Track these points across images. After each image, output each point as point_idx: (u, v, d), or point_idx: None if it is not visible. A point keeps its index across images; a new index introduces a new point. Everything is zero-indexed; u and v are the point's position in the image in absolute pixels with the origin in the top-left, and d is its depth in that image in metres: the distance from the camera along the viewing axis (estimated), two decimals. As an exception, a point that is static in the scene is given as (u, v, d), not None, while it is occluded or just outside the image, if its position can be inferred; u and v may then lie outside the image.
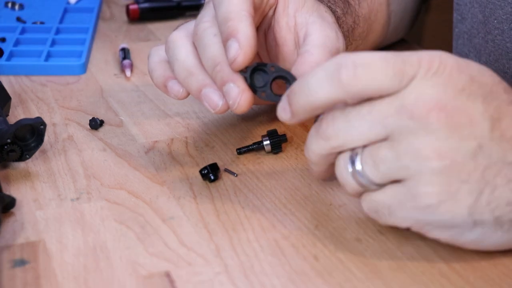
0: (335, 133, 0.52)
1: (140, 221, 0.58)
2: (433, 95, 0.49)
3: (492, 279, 0.52)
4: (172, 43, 0.64)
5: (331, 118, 0.52)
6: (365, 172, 0.51)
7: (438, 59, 0.50)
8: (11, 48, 0.90)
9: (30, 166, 0.66)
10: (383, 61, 0.50)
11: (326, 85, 0.51)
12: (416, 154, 0.49)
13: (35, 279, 0.52)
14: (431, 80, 0.50)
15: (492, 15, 0.74)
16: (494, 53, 0.75)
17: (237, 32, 0.58)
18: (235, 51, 0.58)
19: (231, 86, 0.59)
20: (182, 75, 0.63)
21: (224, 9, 0.60)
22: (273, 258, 0.54)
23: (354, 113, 0.51)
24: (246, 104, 0.60)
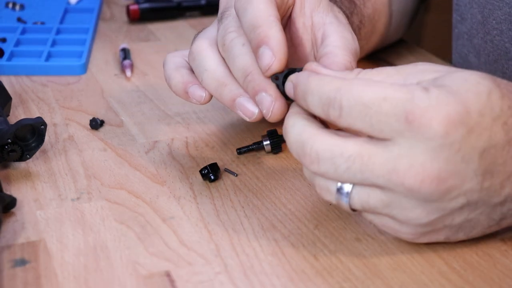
0: (321, 173, 0.51)
1: (141, 221, 0.58)
2: (425, 164, 0.48)
3: (492, 279, 0.52)
4: (198, 54, 0.63)
5: (316, 159, 0.51)
6: (351, 205, 0.52)
7: (430, 115, 0.47)
8: (12, 48, 0.90)
9: (30, 166, 0.66)
10: (364, 108, 0.49)
11: (319, 113, 0.51)
12: (405, 210, 0.50)
13: (35, 279, 0.52)
14: (423, 144, 0.48)
15: (490, 16, 0.74)
16: (493, 54, 0.75)
17: (269, 39, 0.57)
18: (269, 59, 0.57)
19: (263, 95, 0.59)
20: (213, 85, 0.62)
21: (251, 16, 0.59)
22: (273, 257, 0.54)
23: (344, 167, 0.50)
24: (280, 112, 0.59)
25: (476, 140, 0.48)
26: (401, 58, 0.90)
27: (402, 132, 0.48)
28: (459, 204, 0.50)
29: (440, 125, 0.47)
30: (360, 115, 0.49)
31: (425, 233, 0.52)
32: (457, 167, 0.48)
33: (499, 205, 0.51)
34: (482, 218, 0.52)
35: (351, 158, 0.49)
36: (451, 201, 0.50)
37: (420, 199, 0.49)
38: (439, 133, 0.47)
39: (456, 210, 0.50)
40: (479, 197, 0.50)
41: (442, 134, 0.48)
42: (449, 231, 0.52)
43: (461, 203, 0.50)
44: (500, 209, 0.52)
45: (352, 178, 0.50)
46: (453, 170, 0.48)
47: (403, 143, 0.48)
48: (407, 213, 0.50)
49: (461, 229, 0.52)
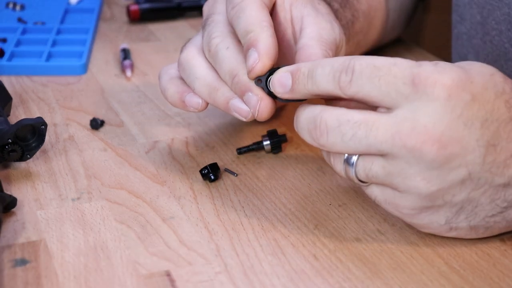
0: (329, 145, 0.53)
1: (141, 221, 0.58)
2: (428, 126, 0.49)
3: (492, 279, 0.52)
4: (186, 63, 0.64)
5: (325, 130, 0.52)
6: (356, 174, 0.53)
7: (434, 78, 0.49)
8: (12, 48, 0.90)
9: (31, 166, 0.66)
10: (374, 70, 0.51)
11: (329, 82, 0.53)
12: (406, 178, 0.51)
13: (36, 279, 0.52)
14: (427, 106, 0.49)
15: (490, 16, 0.74)
16: (492, 54, 0.76)
17: (257, 42, 0.59)
18: (253, 60, 0.58)
19: (249, 95, 0.59)
20: (205, 92, 0.63)
21: (244, 22, 0.60)
22: (273, 257, 0.54)
23: (350, 134, 0.51)
24: (267, 110, 0.59)
25: (478, 109, 0.50)
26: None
27: (408, 95, 0.50)
28: (460, 176, 0.50)
29: (443, 88, 0.49)
30: (370, 77, 0.51)
31: (424, 209, 0.52)
32: (459, 133, 0.49)
33: (502, 187, 0.51)
34: (485, 200, 0.51)
35: (357, 125, 0.51)
36: (452, 171, 0.50)
37: (422, 165, 0.50)
38: (442, 95, 0.49)
39: (457, 183, 0.50)
40: (481, 173, 0.50)
41: (445, 96, 0.49)
42: (449, 211, 0.52)
43: (463, 175, 0.50)
44: (504, 193, 0.51)
45: (357, 146, 0.51)
46: (455, 136, 0.49)
47: (407, 107, 0.50)
48: (408, 181, 0.51)
49: (462, 211, 0.52)
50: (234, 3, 0.62)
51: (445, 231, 0.54)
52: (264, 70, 0.59)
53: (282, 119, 0.74)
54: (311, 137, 0.53)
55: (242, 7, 0.61)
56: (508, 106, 0.51)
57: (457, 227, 0.53)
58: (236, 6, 0.61)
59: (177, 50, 0.94)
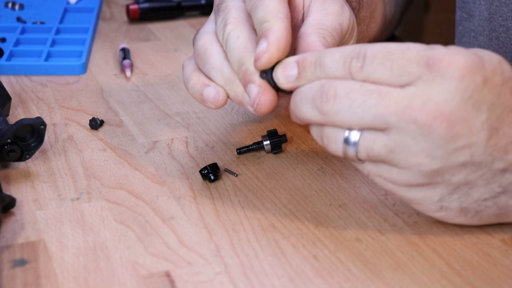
0: (333, 113, 0.52)
1: (140, 221, 0.58)
2: (440, 103, 0.50)
3: (492, 279, 0.52)
4: (203, 52, 0.62)
5: (333, 95, 0.52)
6: (357, 153, 0.53)
7: (448, 59, 0.50)
8: (11, 48, 0.90)
9: (30, 166, 0.66)
10: (388, 54, 0.51)
11: (338, 68, 0.53)
12: (409, 155, 0.51)
13: (35, 279, 0.52)
14: (440, 85, 0.50)
15: (497, 13, 0.74)
16: (498, 51, 0.76)
17: (269, 32, 0.58)
18: (260, 49, 0.57)
19: (251, 86, 0.58)
20: (222, 82, 0.61)
21: (261, 12, 0.59)
22: (273, 258, 0.54)
23: (360, 101, 0.51)
24: (266, 104, 0.58)
25: (487, 92, 0.51)
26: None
27: (421, 75, 0.50)
28: (463, 158, 0.51)
29: (457, 68, 0.50)
30: (382, 61, 0.51)
31: (421, 185, 0.53)
32: (467, 114, 0.50)
33: (500, 172, 0.52)
34: (481, 183, 0.52)
35: (368, 92, 0.51)
36: (456, 151, 0.51)
37: (428, 142, 0.50)
38: (456, 75, 0.50)
39: (459, 164, 0.51)
40: (483, 155, 0.51)
41: (458, 77, 0.50)
42: (445, 189, 0.53)
43: (465, 156, 0.51)
44: (501, 178, 0.52)
45: (365, 114, 0.51)
46: (463, 116, 0.50)
47: (420, 85, 0.50)
48: (411, 158, 0.51)
49: (457, 191, 0.53)
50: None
51: (435, 210, 0.54)
52: (271, 61, 0.57)
53: (282, 119, 0.74)
54: (313, 106, 0.53)
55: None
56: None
57: (448, 207, 0.54)
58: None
59: (177, 50, 0.94)
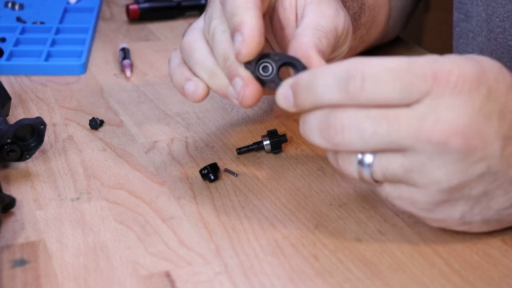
0: (345, 144, 0.51)
1: (140, 221, 0.58)
2: (452, 119, 0.49)
3: (492, 279, 0.52)
4: (188, 47, 0.63)
5: (341, 128, 0.50)
6: (372, 174, 0.52)
7: (456, 72, 0.49)
8: (11, 48, 0.90)
9: (30, 166, 0.66)
10: (392, 72, 0.49)
11: (333, 92, 0.50)
12: (427, 173, 0.50)
13: (35, 279, 0.52)
14: (449, 100, 0.49)
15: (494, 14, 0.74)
16: (496, 52, 0.75)
17: (242, 25, 0.58)
18: (238, 44, 0.57)
19: (236, 79, 0.58)
20: (205, 76, 0.62)
21: (231, 5, 0.59)
22: (273, 258, 0.54)
23: (371, 131, 0.49)
24: (250, 97, 0.58)
25: (494, 102, 0.50)
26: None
27: (429, 91, 0.49)
28: (480, 170, 0.50)
29: (465, 81, 0.49)
30: (387, 80, 0.49)
31: (441, 202, 0.51)
32: (480, 126, 0.49)
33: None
34: (499, 193, 0.51)
35: (377, 121, 0.49)
36: (473, 165, 0.50)
37: (444, 159, 0.49)
38: (464, 89, 0.49)
39: (477, 176, 0.50)
40: (499, 165, 0.50)
41: (466, 91, 0.49)
42: (465, 205, 0.52)
43: (482, 169, 0.50)
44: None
45: (378, 143, 0.50)
46: (477, 129, 0.49)
47: (429, 102, 0.49)
48: (428, 176, 0.50)
49: (477, 206, 0.52)
50: None
51: (458, 225, 0.54)
52: (250, 53, 0.57)
53: (282, 119, 0.74)
54: (322, 137, 0.51)
55: None
56: None
57: (471, 221, 0.53)
58: None
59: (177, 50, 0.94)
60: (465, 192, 0.51)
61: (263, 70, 0.58)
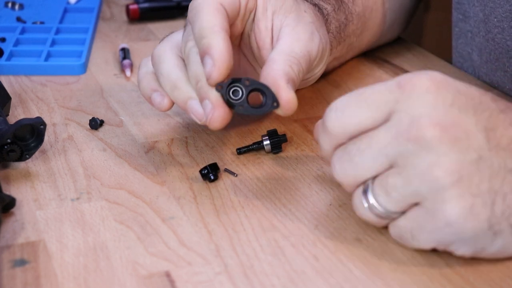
0: (343, 175, 0.53)
1: (140, 221, 0.58)
2: (425, 113, 0.50)
3: (492, 279, 0.52)
4: (157, 57, 0.65)
5: (336, 161, 0.54)
6: (380, 203, 0.52)
7: (420, 77, 0.51)
8: (11, 48, 0.90)
9: (30, 166, 0.66)
10: (358, 96, 0.52)
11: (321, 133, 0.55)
12: (423, 175, 0.50)
13: (35, 279, 0.52)
14: (419, 101, 0.50)
15: (492, 14, 0.74)
16: (494, 52, 0.76)
17: (210, 48, 0.60)
18: (209, 67, 0.60)
19: (206, 102, 0.61)
20: (167, 88, 0.64)
21: (198, 27, 0.61)
22: (273, 258, 0.54)
23: (355, 150, 0.52)
24: (219, 120, 0.61)
25: (466, 99, 0.51)
26: (400, 58, 0.90)
27: (397, 98, 0.51)
28: (473, 158, 0.49)
29: (431, 82, 0.51)
30: (356, 104, 0.52)
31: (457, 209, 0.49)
32: (456, 118, 0.50)
33: None
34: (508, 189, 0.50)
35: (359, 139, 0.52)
36: (463, 153, 0.49)
37: (432, 153, 0.49)
38: (432, 88, 0.51)
39: (473, 166, 0.49)
40: (492, 156, 0.50)
41: (434, 89, 0.51)
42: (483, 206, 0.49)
43: (474, 157, 0.50)
44: None
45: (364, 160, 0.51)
46: (453, 120, 0.50)
47: (400, 108, 0.51)
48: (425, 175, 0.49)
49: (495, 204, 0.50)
50: (193, 5, 0.63)
51: (491, 240, 0.51)
52: (220, 77, 0.60)
53: (282, 119, 0.74)
54: None
55: (198, 11, 0.62)
56: (494, 101, 0.52)
57: (501, 230, 0.50)
58: (193, 9, 0.63)
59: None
60: (473, 190, 0.49)
61: (233, 94, 0.61)
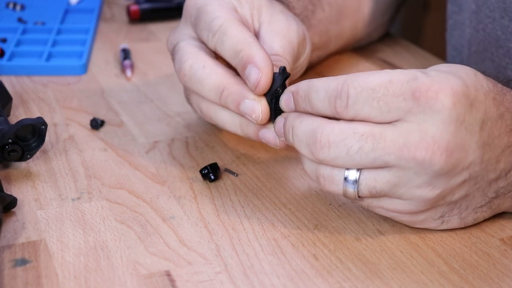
0: (331, 159, 0.52)
1: (141, 221, 0.58)
2: (435, 136, 0.50)
3: (491, 279, 0.52)
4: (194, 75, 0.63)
5: (327, 143, 0.52)
6: (358, 192, 0.53)
7: (435, 89, 0.50)
8: (13, 48, 0.90)
9: (31, 166, 0.66)
10: (371, 93, 0.50)
11: (325, 106, 0.52)
12: (412, 188, 0.51)
13: (36, 279, 0.52)
14: (432, 117, 0.50)
15: (484, 4, 0.75)
16: (483, 42, 0.76)
17: (253, 57, 0.59)
18: (256, 75, 0.58)
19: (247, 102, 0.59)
20: None
21: (230, 44, 0.61)
22: (273, 257, 0.54)
23: (356, 147, 0.51)
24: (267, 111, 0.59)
25: (476, 112, 0.51)
26: (399, 57, 0.90)
27: (410, 109, 0.50)
28: (462, 178, 0.51)
29: (446, 97, 0.50)
30: (367, 100, 0.51)
31: (424, 211, 0.53)
32: (462, 140, 0.50)
33: (494, 181, 0.53)
34: (478, 194, 0.53)
35: (363, 137, 0.51)
36: (456, 176, 0.51)
37: (430, 174, 0.50)
38: (447, 105, 0.50)
39: (459, 184, 0.52)
40: (479, 171, 0.52)
41: (449, 106, 0.50)
42: (446, 207, 0.54)
43: (464, 177, 0.51)
44: (494, 185, 0.53)
45: (363, 159, 0.51)
46: (459, 142, 0.50)
47: (412, 119, 0.50)
48: (414, 190, 0.51)
49: (457, 206, 0.54)
50: (214, 30, 0.62)
51: (437, 225, 0.55)
52: (269, 81, 0.59)
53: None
54: (309, 151, 0.53)
55: (223, 31, 0.61)
56: (496, 104, 0.52)
57: (449, 220, 0.55)
58: (216, 32, 0.62)
59: None
60: (447, 198, 0.53)
61: None
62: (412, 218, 0.55)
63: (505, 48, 0.73)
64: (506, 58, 0.73)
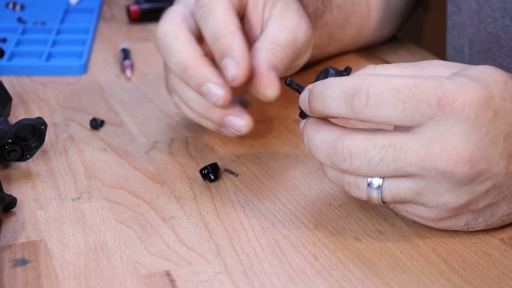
0: (353, 170, 0.51)
1: (141, 221, 0.58)
2: (458, 147, 0.49)
3: (491, 279, 0.52)
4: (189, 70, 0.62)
5: (348, 154, 0.51)
6: (383, 199, 0.53)
7: (462, 99, 0.49)
8: (12, 48, 0.90)
9: (31, 166, 0.66)
10: (395, 94, 0.49)
11: (340, 105, 0.51)
12: (436, 196, 0.51)
13: (36, 279, 0.52)
14: (455, 126, 0.49)
15: (485, 4, 0.74)
16: (485, 42, 0.76)
17: (231, 50, 0.59)
18: (234, 70, 0.59)
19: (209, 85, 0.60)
20: None
21: (212, 25, 0.60)
22: (273, 257, 0.54)
23: (377, 159, 0.50)
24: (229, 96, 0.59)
25: (501, 123, 0.50)
26: (399, 58, 0.90)
27: (434, 116, 0.49)
28: (486, 187, 0.51)
29: (471, 108, 0.49)
30: (390, 101, 0.49)
31: (449, 218, 0.53)
32: (486, 151, 0.50)
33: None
34: (503, 203, 0.53)
35: (384, 149, 0.50)
36: (480, 185, 0.51)
37: (452, 183, 0.50)
38: (471, 116, 0.49)
39: (483, 193, 0.51)
40: (504, 181, 0.51)
41: (473, 117, 0.49)
42: (471, 216, 0.53)
43: (488, 186, 0.51)
44: None
45: (385, 169, 0.50)
46: (483, 153, 0.50)
47: (433, 128, 0.49)
48: (437, 198, 0.51)
49: (482, 214, 0.53)
50: (202, 2, 0.61)
51: (462, 229, 0.55)
52: (246, 77, 0.59)
53: (282, 119, 0.74)
54: (331, 161, 0.52)
55: (210, 8, 0.61)
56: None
57: (475, 227, 0.55)
58: (203, 6, 0.61)
59: None
60: (472, 207, 0.52)
61: None
62: (437, 225, 0.55)
63: (506, 48, 0.73)
64: (508, 57, 0.73)
